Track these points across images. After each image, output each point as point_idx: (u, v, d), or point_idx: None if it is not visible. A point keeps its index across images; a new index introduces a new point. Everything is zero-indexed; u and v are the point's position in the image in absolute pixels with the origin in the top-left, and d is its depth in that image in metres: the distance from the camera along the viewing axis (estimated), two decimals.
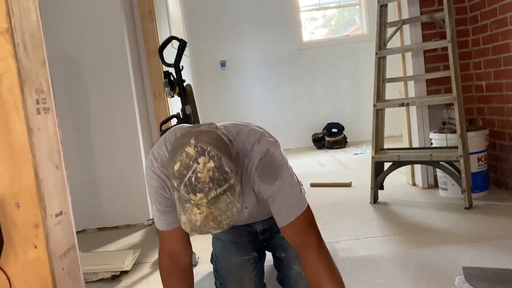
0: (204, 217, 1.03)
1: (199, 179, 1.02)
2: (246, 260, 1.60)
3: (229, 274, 1.60)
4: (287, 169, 1.30)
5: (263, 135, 1.29)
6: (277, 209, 1.27)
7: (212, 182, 1.02)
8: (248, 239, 1.66)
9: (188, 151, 1.03)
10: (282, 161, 1.29)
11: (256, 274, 1.61)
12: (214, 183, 1.02)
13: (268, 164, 1.24)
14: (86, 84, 2.96)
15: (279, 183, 1.25)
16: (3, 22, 0.79)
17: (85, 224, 3.00)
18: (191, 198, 1.03)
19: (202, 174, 1.02)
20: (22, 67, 0.81)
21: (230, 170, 1.05)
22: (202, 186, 1.02)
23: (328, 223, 2.56)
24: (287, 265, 1.60)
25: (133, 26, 3.13)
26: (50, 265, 0.83)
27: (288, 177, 1.28)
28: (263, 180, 1.24)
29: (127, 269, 2.14)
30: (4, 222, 0.81)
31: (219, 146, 1.05)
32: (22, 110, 0.80)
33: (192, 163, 1.02)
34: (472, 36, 3.02)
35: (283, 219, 1.27)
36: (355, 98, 5.97)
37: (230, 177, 1.04)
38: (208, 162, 1.02)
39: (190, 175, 1.02)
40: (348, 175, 3.79)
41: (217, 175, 1.02)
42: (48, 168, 0.86)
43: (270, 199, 1.27)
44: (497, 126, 2.86)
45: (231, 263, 1.60)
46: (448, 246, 2.04)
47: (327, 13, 6.79)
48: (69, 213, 0.93)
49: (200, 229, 1.04)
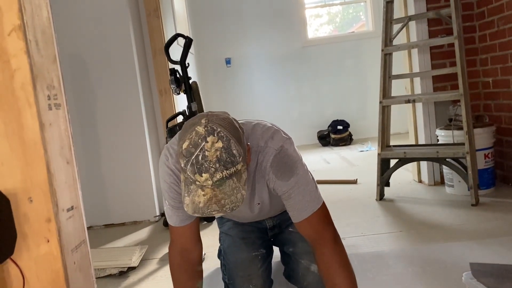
0: (208, 199, 1.03)
1: (206, 158, 1.01)
2: (255, 256, 1.61)
3: (238, 269, 1.60)
4: (302, 166, 1.29)
5: (277, 132, 1.29)
6: (293, 205, 1.27)
7: (218, 163, 1.02)
8: (257, 235, 1.67)
9: (198, 130, 1.04)
10: (296, 158, 1.28)
11: (264, 271, 1.61)
12: (221, 164, 1.02)
13: (283, 160, 1.25)
14: (92, 81, 2.98)
15: (295, 179, 1.25)
16: (16, 19, 0.80)
17: (92, 221, 3.02)
18: (197, 179, 1.03)
19: (209, 152, 1.01)
20: (34, 63, 0.82)
21: (238, 154, 1.04)
22: (208, 166, 1.01)
23: (334, 220, 2.52)
24: (295, 260, 1.60)
25: (139, 23, 3.14)
26: (62, 259, 0.84)
27: (303, 174, 1.28)
28: (279, 176, 1.24)
29: (135, 265, 2.16)
30: (17, 216, 0.82)
31: (229, 129, 1.06)
32: (34, 106, 0.81)
33: (200, 141, 1.03)
34: (478, 32, 3.00)
35: (299, 214, 1.27)
36: (361, 95, 5.95)
37: (238, 161, 1.04)
38: (217, 142, 1.02)
39: (198, 153, 1.02)
40: (353, 173, 3.79)
41: (224, 157, 1.02)
42: (60, 163, 0.87)
43: (285, 195, 1.26)
44: (504, 122, 2.85)
45: (239, 259, 1.60)
46: (455, 242, 2.04)
47: (332, 10, 6.77)
48: (80, 208, 0.94)
49: (202, 211, 1.03)
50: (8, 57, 0.80)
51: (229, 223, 1.74)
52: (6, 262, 0.83)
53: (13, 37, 0.80)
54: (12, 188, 0.82)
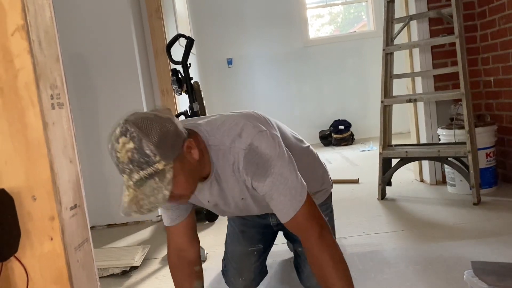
0: (130, 200, 1.03)
1: (119, 159, 1.03)
2: (250, 251, 1.65)
3: (232, 261, 1.67)
4: (278, 160, 1.19)
5: (246, 126, 1.21)
6: (276, 205, 1.21)
7: (131, 164, 1.02)
8: (257, 230, 1.68)
9: (115, 131, 1.06)
10: (269, 154, 1.18)
11: (257, 266, 1.66)
12: (134, 165, 1.01)
13: (255, 161, 1.18)
14: (94, 81, 2.99)
15: (271, 180, 1.18)
16: (19, 19, 0.81)
17: (94, 221, 3.03)
18: (124, 180, 1.04)
19: (120, 154, 1.02)
20: (37, 63, 0.83)
21: (153, 154, 1.02)
22: (123, 167, 1.03)
23: (336, 220, 2.54)
24: (301, 261, 1.63)
25: (141, 24, 3.16)
26: (65, 257, 0.85)
27: (280, 170, 1.18)
28: (255, 178, 1.19)
29: (137, 265, 2.17)
30: (21, 214, 0.83)
31: (145, 129, 1.03)
32: (37, 105, 0.82)
33: (114, 143, 1.04)
34: (480, 31, 3.00)
35: (284, 216, 1.22)
36: (362, 95, 5.95)
37: (154, 161, 1.02)
38: (128, 143, 1.02)
39: (114, 155, 1.04)
40: (355, 172, 3.79)
41: (136, 157, 1.01)
42: (63, 162, 0.88)
43: (266, 196, 1.21)
44: (506, 121, 2.85)
45: (235, 251, 1.65)
46: (456, 241, 2.04)
47: (333, 10, 6.77)
48: (83, 206, 0.94)
49: (126, 211, 1.03)
50: (11, 57, 0.81)
51: None
52: (10, 260, 0.83)
53: (16, 37, 0.81)
54: (16, 187, 0.83)
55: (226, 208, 1.38)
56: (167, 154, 1.05)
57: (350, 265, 1.93)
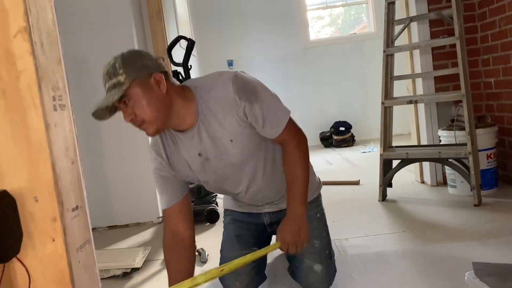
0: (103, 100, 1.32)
1: (103, 74, 1.35)
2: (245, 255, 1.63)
3: None
4: (262, 87, 1.42)
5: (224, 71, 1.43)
6: (267, 125, 1.41)
7: (107, 75, 1.32)
8: (252, 233, 1.70)
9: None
10: (253, 81, 1.41)
11: (253, 268, 1.65)
12: (107, 76, 1.32)
13: (244, 86, 1.37)
14: (95, 83, 2.99)
15: (262, 99, 1.38)
16: (21, 21, 0.81)
17: (95, 223, 3.03)
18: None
19: (103, 69, 1.34)
20: (39, 64, 0.83)
21: (119, 68, 1.29)
22: (103, 79, 1.34)
23: (337, 221, 2.56)
24: (298, 259, 1.63)
25: (142, 26, 3.16)
26: (67, 258, 0.85)
27: (265, 95, 1.40)
28: (249, 101, 1.36)
29: (138, 266, 2.17)
30: (23, 215, 0.83)
31: (126, 54, 1.34)
32: (39, 107, 0.82)
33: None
34: (480, 33, 3.01)
35: (273, 133, 1.43)
36: (363, 96, 5.96)
37: (118, 73, 1.29)
38: (110, 62, 1.35)
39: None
40: (356, 173, 3.79)
41: (110, 70, 1.31)
42: (65, 164, 0.88)
43: (257, 119, 1.39)
44: (507, 123, 2.85)
45: (230, 256, 1.65)
46: (457, 242, 2.04)
47: (333, 11, 6.79)
48: (85, 207, 0.95)
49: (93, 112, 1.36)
50: (14, 58, 0.82)
51: (229, 217, 1.79)
52: (12, 261, 0.84)
53: (18, 39, 0.81)
54: (18, 188, 0.83)
55: (216, 162, 1.46)
56: (130, 72, 1.28)
57: (351, 266, 1.94)
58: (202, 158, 1.45)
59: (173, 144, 1.47)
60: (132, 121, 1.32)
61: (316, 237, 1.64)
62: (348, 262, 1.96)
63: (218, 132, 1.40)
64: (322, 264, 1.60)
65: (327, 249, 1.67)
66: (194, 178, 1.53)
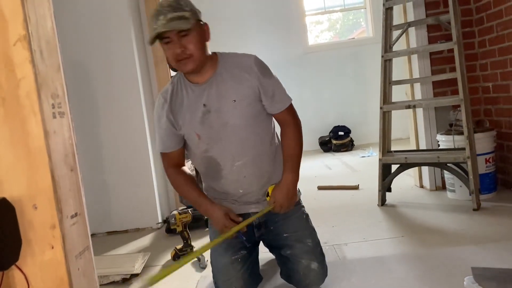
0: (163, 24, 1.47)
1: (162, 4, 1.49)
2: (234, 260, 1.66)
3: (220, 274, 1.68)
4: (273, 72, 1.71)
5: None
6: (276, 98, 1.66)
7: (170, 7, 1.47)
8: (238, 239, 1.71)
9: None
10: (268, 67, 1.69)
11: (245, 272, 1.66)
12: (173, 7, 1.48)
13: (263, 64, 1.66)
14: (95, 90, 3.00)
15: (275, 78, 1.68)
16: (21, 29, 0.82)
17: (94, 228, 3.03)
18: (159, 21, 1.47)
19: (165, 1, 1.50)
20: (38, 72, 0.84)
21: (185, 5, 1.52)
22: (162, 9, 1.48)
23: (336, 226, 2.56)
24: (294, 261, 1.66)
25: (141, 32, 3.17)
26: (66, 265, 0.85)
27: (277, 77, 1.69)
28: (264, 74, 1.63)
29: (137, 272, 2.16)
30: (22, 223, 0.84)
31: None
32: (39, 114, 0.83)
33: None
34: (478, 37, 3.02)
35: (279, 106, 1.68)
36: (362, 101, 5.97)
37: (185, 9, 1.49)
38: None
39: (158, 6, 1.50)
40: (355, 178, 3.79)
41: (174, 4, 1.48)
42: (64, 171, 0.89)
43: (267, 90, 1.63)
44: (505, 127, 2.86)
45: (220, 263, 1.68)
46: (456, 247, 2.04)
47: (332, 16, 6.81)
48: (83, 214, 0.95)
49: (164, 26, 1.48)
50: (13, 66, 0.82)
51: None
52: (12, 269, 0.84)
53: (18, 47, 0.82)
54: (17, 195, 0.84)
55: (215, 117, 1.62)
56: (194, 12, 1.54)
57: (350, 271, 1.94)
58: (205, 109, 1.62)
59: (181, 92, 1.66)
60: (180, 53, 1.51)
61: (308, 236, 1.71)
62: (347, 267, 1.96)
63: (227, 90, 1.61)
64: (318, 261, 1.66)
65: (318, 247, 1.72)
66: (189, 128, 1.66)
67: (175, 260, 2.31)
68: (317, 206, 3.05)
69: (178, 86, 1.67)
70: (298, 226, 1.73)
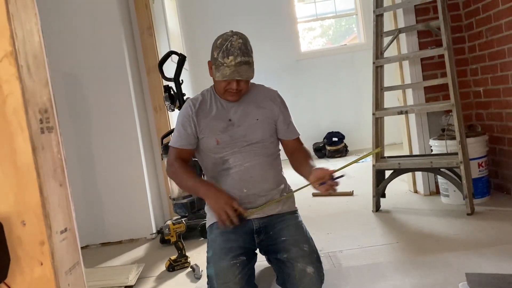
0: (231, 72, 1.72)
1: (233, 45, 1.71)
2: (233, 264, 1.67)
3: (217, 278, 1.67)
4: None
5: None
6: (291, 127, 1.96)
7: (240, 50, 1.71)
8: (239, 245, 1.73)
9: (227, 33, 1.77)
10: None
11: (243, 277, 1.66)
12: (242, 51, 1.71)
13: (282, 98, 1.99)
14: (87, 100, 2.99)
15: (289, 114, 1.98)
16: (7, 45, 0.81)
17: (88, 240, 3.01)
18: (225, 62, 1.71)
19: (235, 43, 1.72)
20: (26, 88, 0.83)
21: (251, 51, 1.77)
22: (233, 50, 1.70)
23: (331, 233, 2.56)
24: (290, 265, 1.67)
25: (133, 41, 3.17)
26: (56, 281, 0.84)
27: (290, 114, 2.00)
28: (284, 106, 1.96)
29: (132, 284, 2.15)
30: (10, 240, 0.82)
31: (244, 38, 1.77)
32: (26, 130, 0.82)
33: (229, 37, 1.74)
34: (468, 43, 3.05)
35: (293, 135, 1.98)
36: (355, 106, 5.99)
37: (250, 55, 1.76)
38: (239, 39, 1.74)
39: (228, 43, 1.72)
40: (349, 184, 3.79)
41: (243, 48, 1.72)
42: (53, 186, 0.88)
43: (285, 119, 1.94)
44: (497, 131, 2.88)
45: (218, 267, 1.67)
46: (451, 252, 2.04)
47: (324, 23, 6.85)
48: (73, 229, 0.94)
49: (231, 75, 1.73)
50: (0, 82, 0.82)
51: (216, 231, 1.81)
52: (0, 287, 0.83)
53: (5, 63, 0.81)
54: (5, 212, 0.83)
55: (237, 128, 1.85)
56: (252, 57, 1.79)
57: (345, 278, 1.93)
58: (230, 123, 1.85)
59: (210, 102, 1.89)
60: (234, 88, 1.77)
61: (305, 242, 1.73)
62: (342, 275, 1.96)
63: (252, 110, 1.88)
64: (313, 266, 1.66)
65: (315, 253, 1.73)
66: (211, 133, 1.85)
67: (169, 271, 2.29)
68: (312, 213, 3.05)
69: (208, 97, 1.91)
70: (295, 232, 1.78)
